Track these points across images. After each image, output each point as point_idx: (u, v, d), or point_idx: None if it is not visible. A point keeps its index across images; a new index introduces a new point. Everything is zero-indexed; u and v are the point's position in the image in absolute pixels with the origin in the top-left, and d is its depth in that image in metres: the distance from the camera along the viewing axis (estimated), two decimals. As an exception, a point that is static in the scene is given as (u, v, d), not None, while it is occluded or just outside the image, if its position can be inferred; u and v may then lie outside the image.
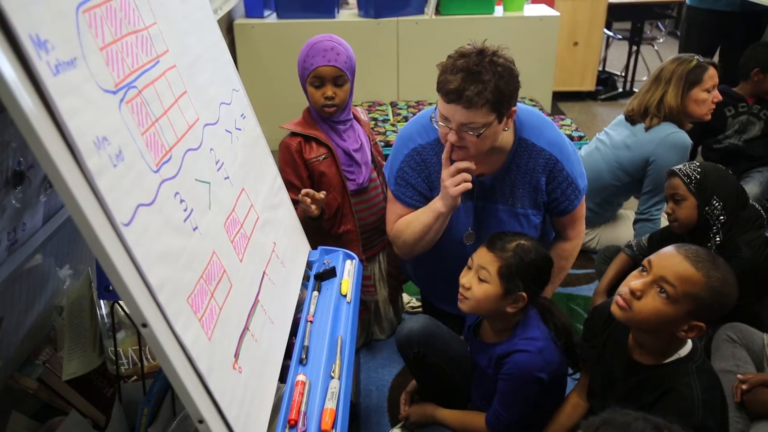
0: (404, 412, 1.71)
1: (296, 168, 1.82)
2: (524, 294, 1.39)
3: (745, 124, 2.89)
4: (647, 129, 2.34)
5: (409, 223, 1.72)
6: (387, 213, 1.83)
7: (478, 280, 1.41)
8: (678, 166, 1.86)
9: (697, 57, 2.33)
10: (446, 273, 1.66)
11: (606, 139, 2.51)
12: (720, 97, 2.37)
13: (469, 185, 1.54)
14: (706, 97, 2.32)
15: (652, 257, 1.24)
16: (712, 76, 2.31)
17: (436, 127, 1.59)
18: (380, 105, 3.77)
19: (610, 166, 2.45)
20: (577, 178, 1.72)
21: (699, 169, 1.82)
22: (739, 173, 2.87)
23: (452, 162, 1.58)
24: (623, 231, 2.60)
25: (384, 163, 2.04)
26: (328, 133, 1.85)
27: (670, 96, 2.30)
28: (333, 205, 1.87)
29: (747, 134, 2.90)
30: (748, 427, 1.61)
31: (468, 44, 1.50)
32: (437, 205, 1.62)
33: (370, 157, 1.96)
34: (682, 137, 2.31)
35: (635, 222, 2.44)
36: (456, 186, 1.53)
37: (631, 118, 2.42)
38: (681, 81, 2.30)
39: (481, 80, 1.42)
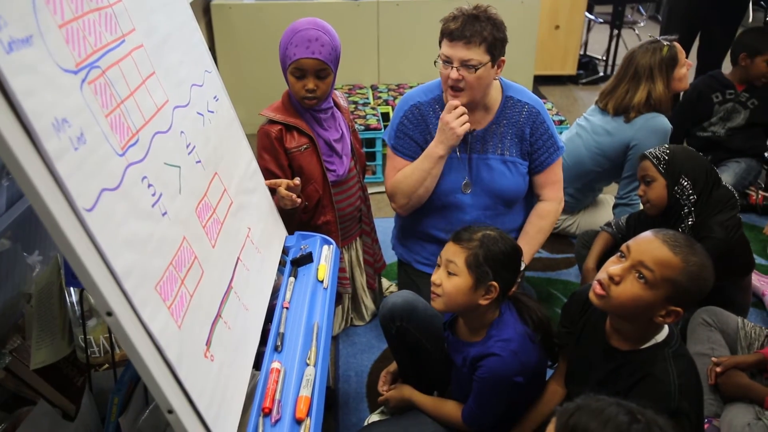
0: (382, 392, 1.70)
1: (277, 156, 1.77)
2: (495, 284, 1.37)
3: (730, 111, 2.89)
4: (628, 121, 2.34)
5: (406, 173, 1.87)
6: (386, 171, 1.96)
7: (447, 274, 1.39)
8: (648, 150, 1.89)
9: (661, 40, 2.33)
10: (437, 225, 1.91)
11: (586, 125, 2.50)
12: (691, 63, 2.39)
13: (469, 125, 1.74)
14: (685, 71, 2.35)
15: (630, 242, 1.23)
16: (681, 50, 2.34)
17: (438, 67, 1.76)
18: (360, 88, 3.73)
19: (591, 152, 2.45)
20: (555, 135, 1.92)
21: (667, 151, 1.85)
22: (716, 163, 2.88)
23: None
24: (603, 216, 2.61)
25: (362, 151, 2.03)
26: (310, 123, 1.80)
27: (659, 89, 2.30)
28: (314, 197, 1.84)
29: (731, 122, 2.91)
30: (722, 410, 1.63)
31: None
32: (436, 149, 1.79)
33: (350, 147, 1.92)
34: (663, 122, 2.31)
35: (615, 206, 2.44)
36: (462, 125, 1.72)
37: (608, 113, 2.41)
38: (662, 70, 2.30)
39: (479, 23, 1.68)
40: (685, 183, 1.80)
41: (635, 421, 0.79)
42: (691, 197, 1.80)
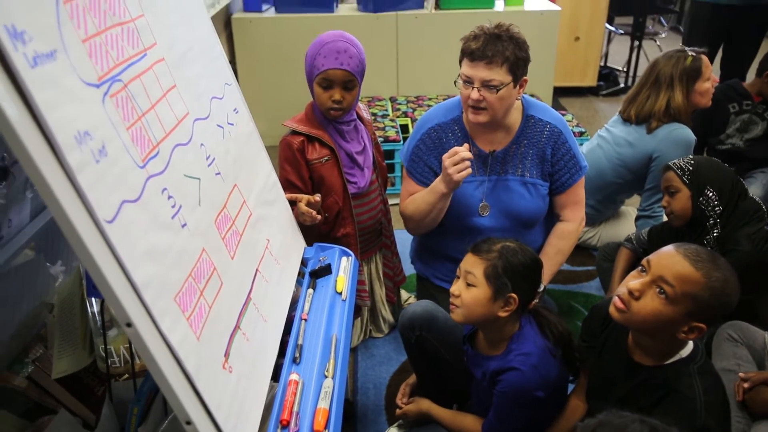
0: (401, 404, 1.69)
1: (298, 168, 1.78)
2: (514, 295, 1.35)
3: (747, 123, 2.84)
4: (650, 131, 2.31)
5: (415, 201, 1.86)
6: (401, 190, 1.97)
7: (466, 285, 1.38)
8: (672, 161, 1.87)
9: (688, 50, 2.29)
10: (456, 247, 1.84)
11: (608, 136, 2.48)
12: (717, 79, 2.35)
13: (470, 170, 1.69)
14: (708, 86, 2.30)
15: (651, 257, 1.21)
16: (707, 64, 2.30)
17: (459, 87, 1.74)
18: (379, 100, 3.74)
19: (612, 164, 2.42)
20: (578, 155, 1.88)
21: (692, 161, 1.83)
22: (742, 174, 2.83)
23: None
24: (625, 228, 2.58)
25: (384, 164, 2.02)
26: (332, 134, 1.80)
27: (678, 98, 2.27)
28: (334, 208, 1.84)
29: (749, 134, 2.86)
30: (749, 427, 1.58)
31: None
32: (439, 186, 1.76)
33: (371, 160, 1.93)
34: (687, 133, 2.28)
35: (637, 219, 2.41)
36: (459, 173, 1.67)
37: (630, 122, 2.39)
38: (683, 80, 2.27)
39: (501, 43, 1.65)
40: (710, 194, 1.77)
41: None
42: (717, 208, 1.77)
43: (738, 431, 1.57)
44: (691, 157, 1.86)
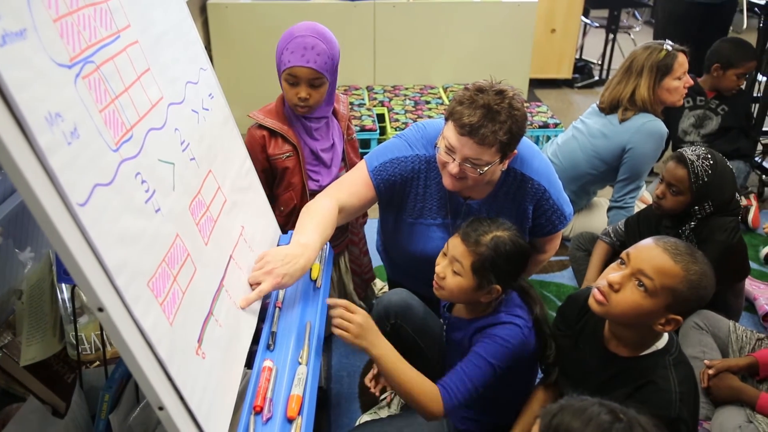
0: (369, 384, 1.66)
1: (255, 162, 1.70)
2: (498, 287, 1.37)
3: (701, 118, 2.91)
4: (621, 121, 2.34)
5: (311, 213, 1.52)
6: (342, 178, 1.68)
7: (452, 272, 1.39)
8: (692, 156, 1.80)
9: (666, 45, 2.32)
10: (421, 276, 1.63)
11: (582, 127, 2.51)
12: (691, 82, 2.38)
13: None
14: (678, 84, 2.32)
15: (630, 250, 1.21)
16: (682, 63, 2.31)
17: (437, 152, 1.55)
18: (356, 89, 3.73)
19: (586, 155, 2.45)
20: (563, 205, 1.71)
21: (709, 171, 1.77)
22: None
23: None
24: (597, 218, 2.62)
25: (357, 161, 1.97)
26: (298, 130, 1.75)
27: (643, 89, 2.30)
28: (290, 204, 1.79)
29: (704, 129, 2.93)
30: (712, 412, 1.63)
31: (484, 80, 1.50)
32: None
33: (340, 157, 1.86)
34: (659, 126, 2.32)
35: (609, 209, 2.45)
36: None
37: (604, 110, 2.42)
38: (652, 72, 2.30)
39: (498, 120, 1.42)
40: (707, 206, 1.79)
41: (617, 420, 0.80)
42: (705, 214, 1.81)
43: (702, 416, 1.61)
44: (711, 160, 1.79)
